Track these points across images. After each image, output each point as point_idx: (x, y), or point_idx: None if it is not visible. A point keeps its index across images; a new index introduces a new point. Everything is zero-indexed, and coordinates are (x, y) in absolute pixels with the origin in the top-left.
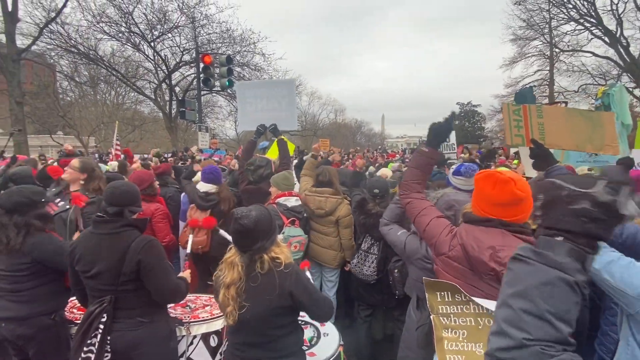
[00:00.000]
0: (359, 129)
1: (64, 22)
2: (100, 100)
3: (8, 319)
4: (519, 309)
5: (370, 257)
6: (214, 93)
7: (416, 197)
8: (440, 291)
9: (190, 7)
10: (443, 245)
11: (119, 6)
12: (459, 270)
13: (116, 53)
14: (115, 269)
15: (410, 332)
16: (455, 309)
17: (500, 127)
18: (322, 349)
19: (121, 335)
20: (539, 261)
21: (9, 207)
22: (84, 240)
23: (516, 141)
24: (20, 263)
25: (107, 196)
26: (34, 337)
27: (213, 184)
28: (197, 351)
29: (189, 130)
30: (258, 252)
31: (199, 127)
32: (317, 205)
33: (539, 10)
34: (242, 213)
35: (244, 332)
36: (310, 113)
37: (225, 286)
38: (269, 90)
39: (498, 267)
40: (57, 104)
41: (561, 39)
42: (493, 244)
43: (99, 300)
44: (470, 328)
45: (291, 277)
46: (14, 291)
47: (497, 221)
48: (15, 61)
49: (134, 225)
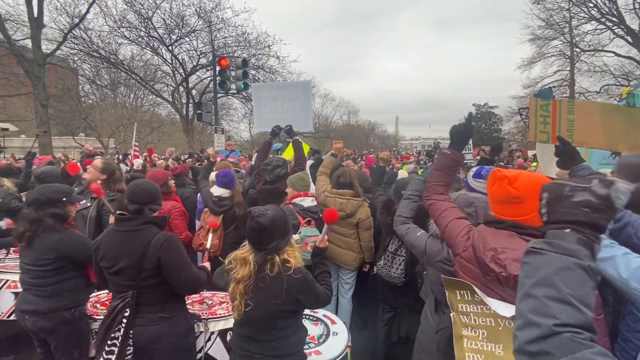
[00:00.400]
0: (373, 130)
1: (87, 28)
2: (120, 103)
3: (31, 312)
4: (542, 296)
5: (398, 259)
6: (230, 95)
7: (438, 199)
8: (460, 290)
9: (207, 11)
10: (458, 246)
11: (139, 11)
12: (472, 271)
13: (136, 57)
14: (137, 265)
15: (427, 335)
16: (475, 308)
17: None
18: (328, 348)
19: (143, 330)
20: (553, 250)
21: (29, 202)
22: (107, 237)
23: (541, 138)
24: (44, 258)
25: (128, 194)
26: (54, 331)
27: (227, 188)
28: (214, 347)
29: (205, 132)
30: (272, 252)
31: (214, 129)
32: (339, 207)
33: (558, 9)
34: (259, 211)
35: (248, 327)
36: (324, 115)
37: (235, 281)
38: (285, 91)
39: (497, 269)
40: (79, 106)
41: (582, 38)
42: (496, 245)
43: (122, 296)
44: (490, 328)
45: (299, 282)
46: (37, 285)
47: (508, 223)
48: (40, 65)
49: (154, 223)
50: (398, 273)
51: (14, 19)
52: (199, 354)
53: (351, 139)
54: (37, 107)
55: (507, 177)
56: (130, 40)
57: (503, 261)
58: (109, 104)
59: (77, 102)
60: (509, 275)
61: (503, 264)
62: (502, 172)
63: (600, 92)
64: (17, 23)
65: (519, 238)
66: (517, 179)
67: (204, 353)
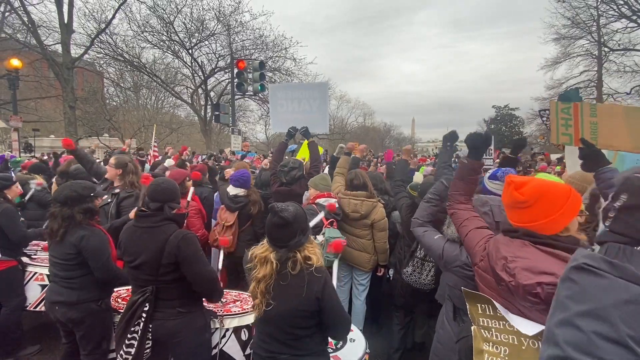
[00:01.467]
0: (388, 132)
1: (113, 33)
2: (141, 104)
3: (61, 303)
4: (591, 332)
5: (427, 265)
6: (247, 97)
7: (460, 208)
8: (481, 303)
9: (226, 15)
10: (476, 255)
11: (162, 16)
12: (489, 281)
13: (157, 60)
14: (156, 261)
15: (445, 344)
16: (497, 323)
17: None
18: (346, 354)
19: (162, 324)
20: (616, 274)
21: (61, 200)
22: (128, 233)
23: (563, 140)
24: (69, 253)
25: (149, 192)
26: (82, 321)
27: (242, 187)
28: (229, 344)
29: (222, 133)
30: (294, 248)
31: (232, 130)
32: (353, 208)
33: (585, 7)
34: (281, 207)
35: (270, 326)
36: (339, 117)
37: (256, 280)
38: (302, 92)
39: (507, 278)
40: (104, 108)
41: (611, 37)
42: (507, 254)
43: (142, 290)
44: (513, 346)
45: (320, 282)
46: (65, 278)
47: (522, 231)
48: (69, 69)
49: (173, 220)
50: (429, 280)
51: (46, 25)
52: (214, 349)
53: (366, 140)
54: (65, 108)
55: (513, 182)
56: (153, 44)
57: (513, 270)
58: (132, 105)
59: (102, 104)
60: (517, 284)
61: (512, 273)
62: (511, 178)
63: (630, 94)
64: (48, 29)
65: (532, 247)
66: (525, 184)
67: (219, 349)
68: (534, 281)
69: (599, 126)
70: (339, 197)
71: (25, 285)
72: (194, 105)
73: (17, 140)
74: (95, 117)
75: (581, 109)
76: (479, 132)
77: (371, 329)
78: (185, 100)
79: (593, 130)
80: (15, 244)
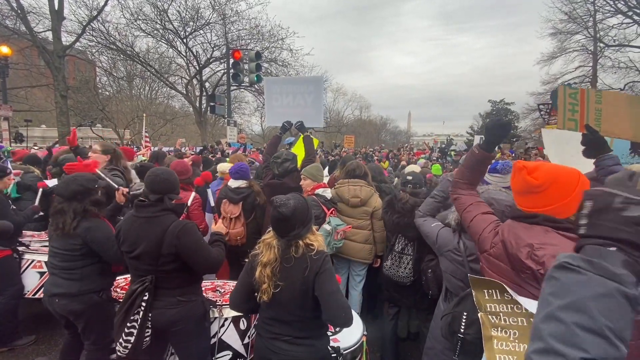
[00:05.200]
0: (384, 126)
1: (105, 20)
2: (135, 94)
3: (61, 295)
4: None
5: (406, 258)
6: (242, 88)
7: (463, 194)
8: (488, 289)
9: (222, 4)
10: (485, 242)
11: (155, 4)
12: (501, 268)
13: (151, 50)
14: (155, 251)
15: (438, 322)
16: (505, 307)
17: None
18: (345, 336)
19: (162, 313)
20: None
21: (67, 195)
22: (127, 223)
23: (569, 125)
24: (73, 243)
25: (148, 183)
26: (83, 313)
27: (242, 179)
28: (228, 333)
29: (217, 124)
30: (294, 239)
31: (227, 122)
32: (353, 193)
33: (582, 2)
34: (281, 201)
35: (275, 309)
36: (335, 110)
37: (262, 264)
38: (296, 86)
39: (535, 266)
40: (96, 98)
41: (606, 32)
42: (532, 241)
43: (141, 280)
44: (522, 328)
45: (319, 261)
46: (65, 269)
47: (542, 217)
48: (60, 57)
49: (172, 210)
50: (406, 272)
51: (36, 11)
52: (213, 339)
53: (363, 134)
54: (57, 97)
55: (526, 167)
56: (146, 32)
57: (541, 258)
58: (125, 95)
59: (94, 94)
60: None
61: (541, 261)
62: (521, 163)
63: (624, 89)
64: (38, 15)
65: (554, 233)
66: (537, 168)
67: (218, 338)
68: None
69: (602, 113)
70: (337, 185)
71: (22, 273)
72: (189, 96)
73: (7, 130)
74: (87, 107)
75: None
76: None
77: (366, 318)
78: (180, 91)
79: (597, 117)
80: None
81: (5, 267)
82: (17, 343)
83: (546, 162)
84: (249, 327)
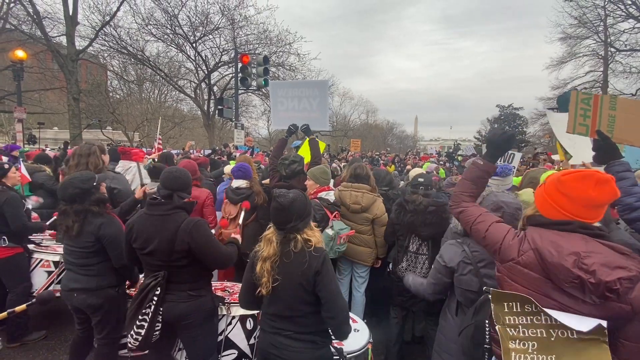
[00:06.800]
0: (391, 130)
1: (117, 25)
2: (145, 98)
3: (80, 290)
4: None
5: (421, 257)
6: (250, 92)
7: (468, 206)
8: (508, 302)
9: (231, 9)
10: (510, 250)
11: (166, 9)
12: (530, 278)
13: (161, 54)
14: (168, 248)
15: (447, 335)
16: (524, 319)
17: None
18: (349, 341)
19: (172, 307)
20: None
21: (67, 198)
22: (140, 220)
23: (579, 130)
24: (86, 241)
25: (161, 180)
26: (101, 307)
27: (243, 179)
28: (234, 331)
29: (224, 128)
30: (291, 232)
31: (235, 125)
32: (354, 200)
33: (592, 6)
34: (280, 192)
35: (276, 304)
36: (341, 114)
37: (262, 259)
38: (302, 90)
39: (585, 275)
40: (107, 101)
41: (617, 37)
42: (576, 249)
43: (154, 275)
44: (541, 340)
45: (319, 259)
46: (81, 265)
47: (577, 224)
48: (74, 61)
49: (182, 208)
50: (424, 272)
51: (51, 16)
52: (219, 336)
53: (369, 138)
54: (69, 100)
55: (613, 179)
56: (157, 37)
57: (591, 266)
58: (135, 99)
59: (105, 97)
60: (599, 281)
61: (592, 270)
62: (604, 174)
63: (636, 95)
64: (53, 21)
65: (594, 241)
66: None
67: (224, 336)
68: (615, 277)
69: (616, 119)
70: (340, 189)
71: (31, 272)
72: (197, 99)
73: (21, 132)
74: (98, 109)
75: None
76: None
77: (370, 321)
78: (189, 95)
79: (610, 123)
80: (16, 233)
81: (17, 265)
82: (28, 339)
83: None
84: (256, 327)
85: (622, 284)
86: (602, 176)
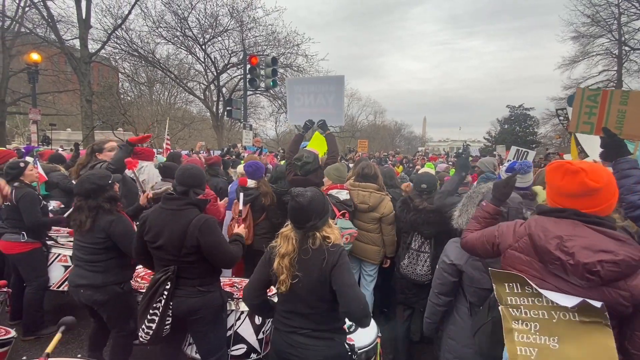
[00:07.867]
0: (399, 131)
1: (128, 28)
2: (155, 99)
3: (85, 286)
4: None
5: (423, 255)
6: (258, 93)
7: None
8: (509, 282)
9: (239, 11)
10: (507, 238)
11: (176, 12)
12: (526, 262)
13: (171, 56)
14: (178, 243)
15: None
16: (526, 300)
17: (555, 131)
18: (360, 336)
19: (182, 301)
20: None
21: (83, 193)
22: (154, 213)
23: (583, 129)
24: (97, 237)
25: (177, 176)
26: (107, 303)
27: (252, 178)
28: (243, 326)
29: (233, 129)
30: (311, 230)
31: (243, 125)
32: (361, 199)
33: (606, 5)
34: (298, 192)
35: (293, 301)
36: (349, 115)
37: (280, 256)
38: (318, 86)
39: (564, 257)
40: (119, 102)
41: (632, 36)
42: (561, 233)
43: (164, 270)
44: (544, 321)
45: (335, 254)
46: (89, 261)
47: (571, 211)
48: (86, 63)
49: (196, 204)
50: (425, 270)
51: (64, 20)
52: (229, 331)
53: (377, 139)
54: (82, 102)
55: (584, 170)
56: (167, 39)
57: (570, 249)
58: (145, 100)
59: (117, 99)
60: (577, 262)
61: (571, 252)
62: (575, 165)
63: None
64: (67, 24)
65: (584, 226)
66: (595, 171)
67: (234, 331)
68: (595, 259)
69: (627, 114)
70: (348, 187)
71: (49, 266)
72: (206, 101)
73: (35, 133)
74: (110, 111)
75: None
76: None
77: (379, 320)
78: (198, 96)
79: (619, 119)
80: (30, 228)
81: (35, 259)
82: (43, 332)
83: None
84: (264, 322)
85: (604, 267)
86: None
